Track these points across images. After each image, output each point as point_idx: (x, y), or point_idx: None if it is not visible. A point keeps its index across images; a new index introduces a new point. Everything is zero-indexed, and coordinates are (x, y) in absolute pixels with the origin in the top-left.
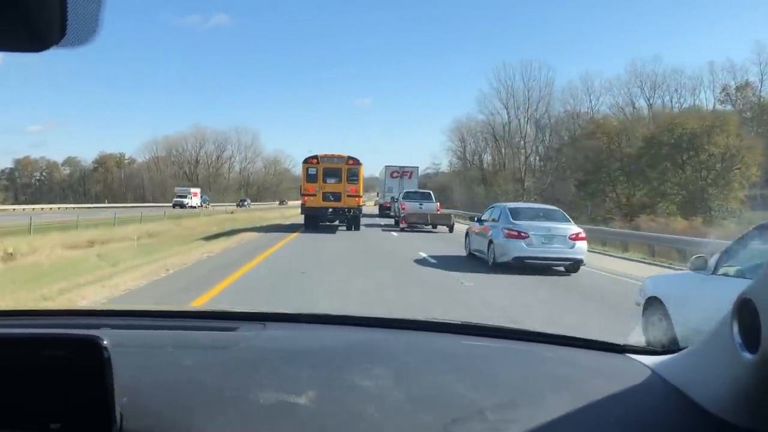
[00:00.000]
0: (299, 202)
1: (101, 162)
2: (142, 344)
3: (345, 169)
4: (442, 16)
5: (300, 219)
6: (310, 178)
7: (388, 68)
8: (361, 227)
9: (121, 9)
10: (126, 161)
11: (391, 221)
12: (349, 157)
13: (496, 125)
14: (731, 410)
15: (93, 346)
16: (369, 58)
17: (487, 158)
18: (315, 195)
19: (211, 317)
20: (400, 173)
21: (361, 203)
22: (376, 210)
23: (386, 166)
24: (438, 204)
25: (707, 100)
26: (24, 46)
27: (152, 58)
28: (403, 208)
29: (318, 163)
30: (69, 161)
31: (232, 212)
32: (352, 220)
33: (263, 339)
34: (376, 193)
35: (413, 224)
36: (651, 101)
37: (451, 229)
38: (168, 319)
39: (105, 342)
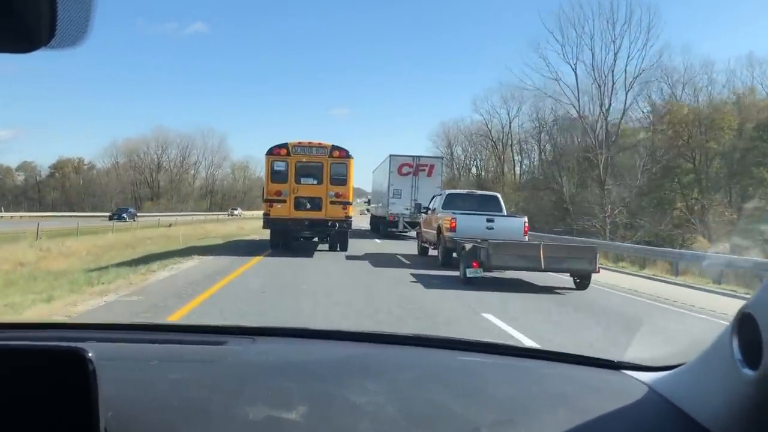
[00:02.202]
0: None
1: (58, 167)
2: (129, 357)
3: (328, 164)
4: (424, 23)
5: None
6: (277, 177)
7: (367, 77)
8: (369, 262)
9: (99, 14)
10: (85, 166)
11: (402, 245)
12: (334, 147)
13: (494, 126)
14: (730, 428)
15: (78, 358)
16: (347, 68)
17: (477, 164)
18: (284, 201)
19: (200, 331)
20: (413, 167)
21: (351, 214)
22: (365, 223)
23: (391, 157)
24: (525, 221)
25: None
26: (12, 47)
27: (126, 62)
28: (453, 227)
29: (288, 154)
30: (24, 166)
31: (170, 225)
32: (337, 237)
33: (252, 353)
34: (366, 201)
35: (500, 267)
36: (680, 97)
37: (585, 283)
38: (155, 333)
39: (90, 354)
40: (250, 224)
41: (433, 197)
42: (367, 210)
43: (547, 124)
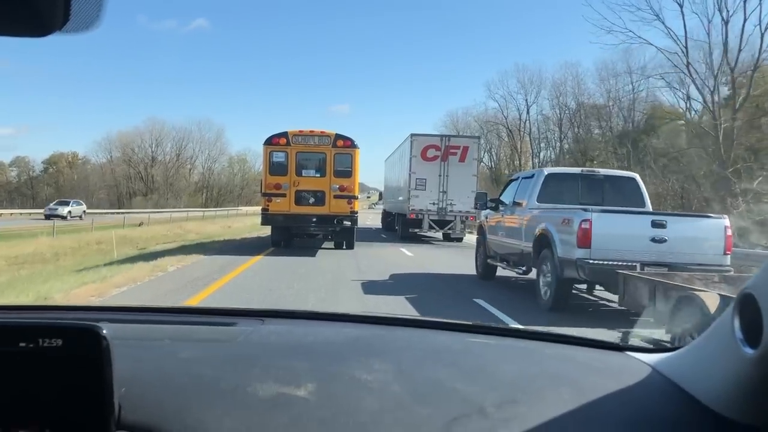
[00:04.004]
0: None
1: (52, 162)
2: (140, 337)
3: (331, 154)
4: (422, 20)
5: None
6: (276, 169)
7: (368, 73)
8: (410, 304)
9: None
10: (79, 161)
11: (446, 257)
12: (338, 136)
13: (510, 113)
14: (732, 406)
15: (92, 335)
16: (347, 64)
17: (492, 154)
18: (284, 195)
19: (210, 313)
20: (442, 150)
21: (357, 209)
22: (371, 221)
23: (413, 137)
24: (727, 224)
25: None
26: (26, 31)
27: (127, 57)
28: (585, 241)
29: (288, 144)
30: (17, 162)
31: (140, 224)
32: (342, 234)
33: (262, 334)
34: (372, 195)
35: None
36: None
37: None
38: (167, 315)
39: (105, 332)
40: (241, 222)
41: (511, 181)
42: (375, 205)
43: (570, 109)
